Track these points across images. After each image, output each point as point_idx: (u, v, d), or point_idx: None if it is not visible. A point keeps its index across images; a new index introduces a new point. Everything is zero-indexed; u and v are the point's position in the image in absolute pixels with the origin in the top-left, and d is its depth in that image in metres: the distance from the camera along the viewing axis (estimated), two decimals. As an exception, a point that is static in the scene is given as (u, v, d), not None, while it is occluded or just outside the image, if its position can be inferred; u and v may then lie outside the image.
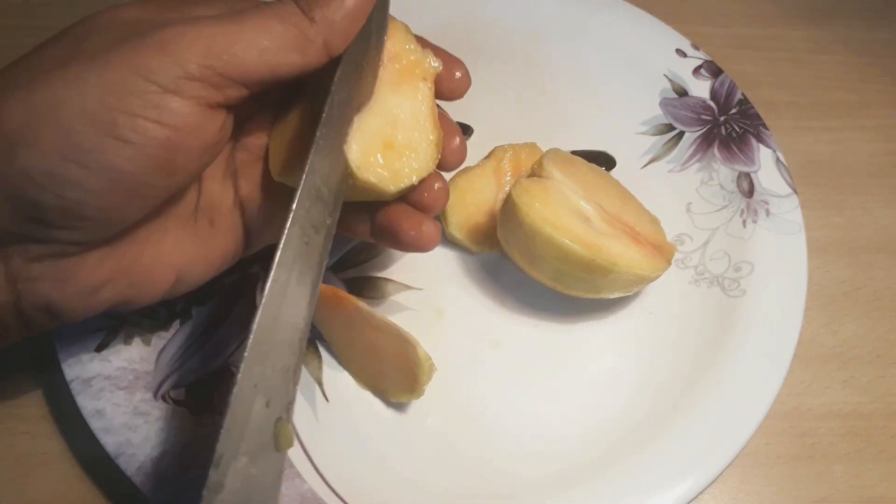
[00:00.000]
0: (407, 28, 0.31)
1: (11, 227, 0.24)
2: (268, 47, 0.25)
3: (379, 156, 0.29)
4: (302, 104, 0.31)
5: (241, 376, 0.24)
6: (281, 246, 0.25)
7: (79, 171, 0.23)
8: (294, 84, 0.28)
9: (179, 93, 0.24)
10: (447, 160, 0.32)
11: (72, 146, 0.23)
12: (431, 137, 0.30)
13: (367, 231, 0.33)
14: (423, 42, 0.32)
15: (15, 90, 0.24)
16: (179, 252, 0.29)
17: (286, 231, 0.25)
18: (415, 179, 0.29)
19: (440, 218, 0.39)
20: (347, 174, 0.28)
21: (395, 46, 0.30)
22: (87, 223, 0.25)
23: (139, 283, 0.28)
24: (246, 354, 0.24)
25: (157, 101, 0.24)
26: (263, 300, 0.24)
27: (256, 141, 0.31)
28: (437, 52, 0.32)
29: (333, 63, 0.28)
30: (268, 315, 0.24)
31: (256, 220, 0.31)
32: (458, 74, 0.32)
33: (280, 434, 0.26)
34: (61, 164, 0.23)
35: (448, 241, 0.40)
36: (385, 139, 0.29)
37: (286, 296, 0.26)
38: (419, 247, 0.31)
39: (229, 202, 0.31)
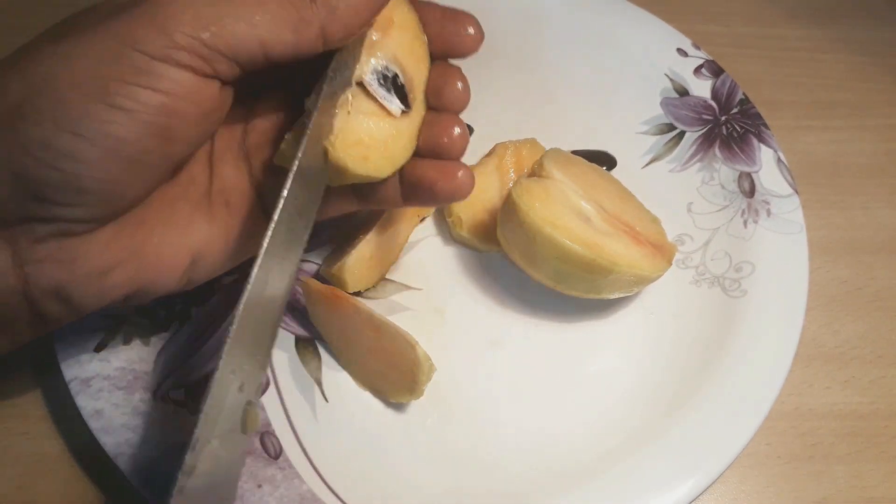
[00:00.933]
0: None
1: (15, 207, 0.24)
2: (260, 22, 0.25)
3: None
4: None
5: (223, 362, 0.24)
6: (269, 234, 0.25)
7: (73, 141, 0.23)
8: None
9: (168, 61, 0.24)
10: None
11: (65, 115, 0.23)
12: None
13: (353, 203, 0.32)
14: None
15: (13, 67, 0.24)
16: (193, 234, 0.28)
17: (275, 218, 0.25)
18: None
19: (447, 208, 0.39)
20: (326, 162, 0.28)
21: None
22: (87, 197, 0.24)
23: (151, 266, 0.27)
24: (229, 340, 0.24)
25: (147, 68, 0.24)
26: (248, 287, 0.24)
27: (266, 123, 0.31)
28: (445, 12, 0.31)
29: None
30: (251, 301, 0.25)
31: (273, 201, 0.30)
32: (470, 30, 0.31)
33: (248, 416, 0.26)
34: (56, 135, 0.23)
35: (456, 240, 0.40)
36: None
37: (268, 283, 0.26)
38: (456, 195, 0.31)
39: (245, 184, 0.30)
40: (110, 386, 0.33)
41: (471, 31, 0.30)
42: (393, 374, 0.34)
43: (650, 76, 0.45)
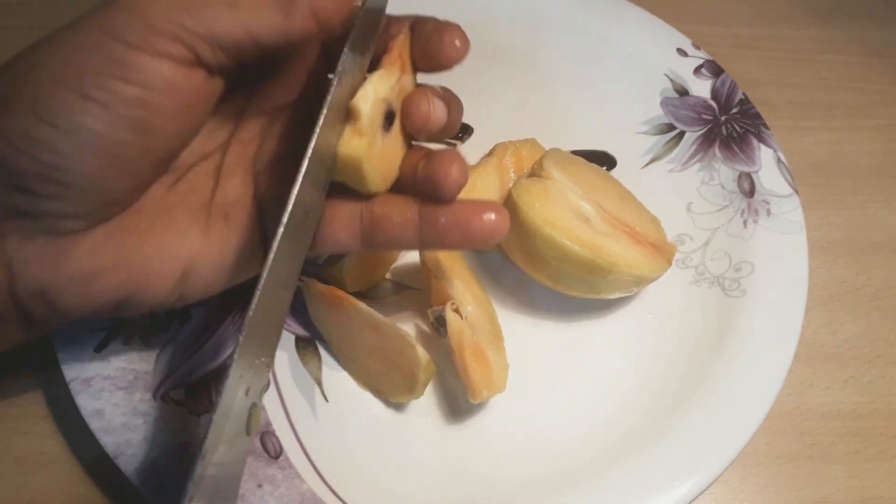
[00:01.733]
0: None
1: (2, 198, 0.24)
2: (243, 5, 0.24)
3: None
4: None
5: (232, 370, 0.23)
6: (279, 235, 0.24)
7: (50, 132, 0.23)
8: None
9: (146, 49, 0.23)
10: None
11: (42, 105, 0.23)
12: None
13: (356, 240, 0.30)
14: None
15: (6, 66, 0.24)
16: (187, 245, 0.27)
17: (284, 220, 0.24)
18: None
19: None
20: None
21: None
22: (69, 191, 0.24)
23: (141, 274, 0.26)
24: (239, 349, 0.24)
25: (123, 58, 0.23)
26: (258, 293, 0.24)
27: (279, 143, 0.30)
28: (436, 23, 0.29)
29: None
30: (260, 307, 0.24)
31: (275, 221, 0.29)
32: (456, 42, 0.29)
33: (252, 418, 0.26)
34: (34, 124, 0.23)
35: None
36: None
37: (277, 287, 0.25)
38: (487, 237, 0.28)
39: (248, 199, 0.29)
40: (110, 386, 0.33)
41: (457, 43, 0.29)
42: (393, 374, 0.34)
43: (650, 76, 0.45)
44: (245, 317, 0.24)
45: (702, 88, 0.45)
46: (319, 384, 0.35)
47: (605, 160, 0.43)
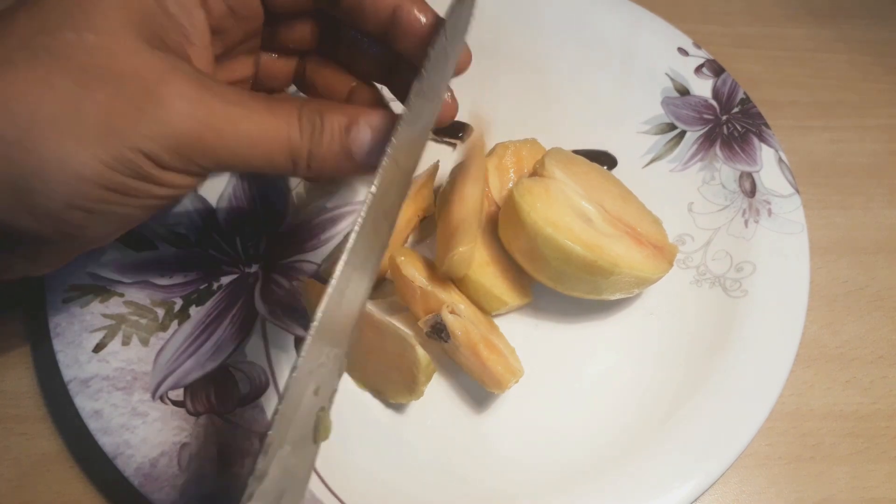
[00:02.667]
0: None
1: None
2: (255, 155, 0.26)
3: None
4: None
5: (302, 361, 0.23)
6: (354, 235, 0.24)
7: (85, 217, 0.25)
8: None
9: (175, 169, 0.25)
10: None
11: (80, 196, 0.24)
12: None
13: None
14: None
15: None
16: None
17: (360, 221, 0.24)
18: None
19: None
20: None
21: None
22: (68, 246, 0.27)
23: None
24: (310, 339, 0.23)
25: (158, 172, 0.25)
26: (331, 285, 0.23)
27: None
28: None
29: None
30: (333, 302, 0.24)
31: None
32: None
33: (320, 424, 0.25)
34: (67, 211, 0.24)
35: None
36: None
37: (349, 284, 0.25)
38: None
39: None
40: (109, 386, 0.33)
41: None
42: (393, 374, 0.34)
43: (651, 75, 0.45)
44: (318, 307, 0.23)
45: (703, 88, 0.45)
46: (319, 385, 0.35)
47: (605, 160, 0.43)
